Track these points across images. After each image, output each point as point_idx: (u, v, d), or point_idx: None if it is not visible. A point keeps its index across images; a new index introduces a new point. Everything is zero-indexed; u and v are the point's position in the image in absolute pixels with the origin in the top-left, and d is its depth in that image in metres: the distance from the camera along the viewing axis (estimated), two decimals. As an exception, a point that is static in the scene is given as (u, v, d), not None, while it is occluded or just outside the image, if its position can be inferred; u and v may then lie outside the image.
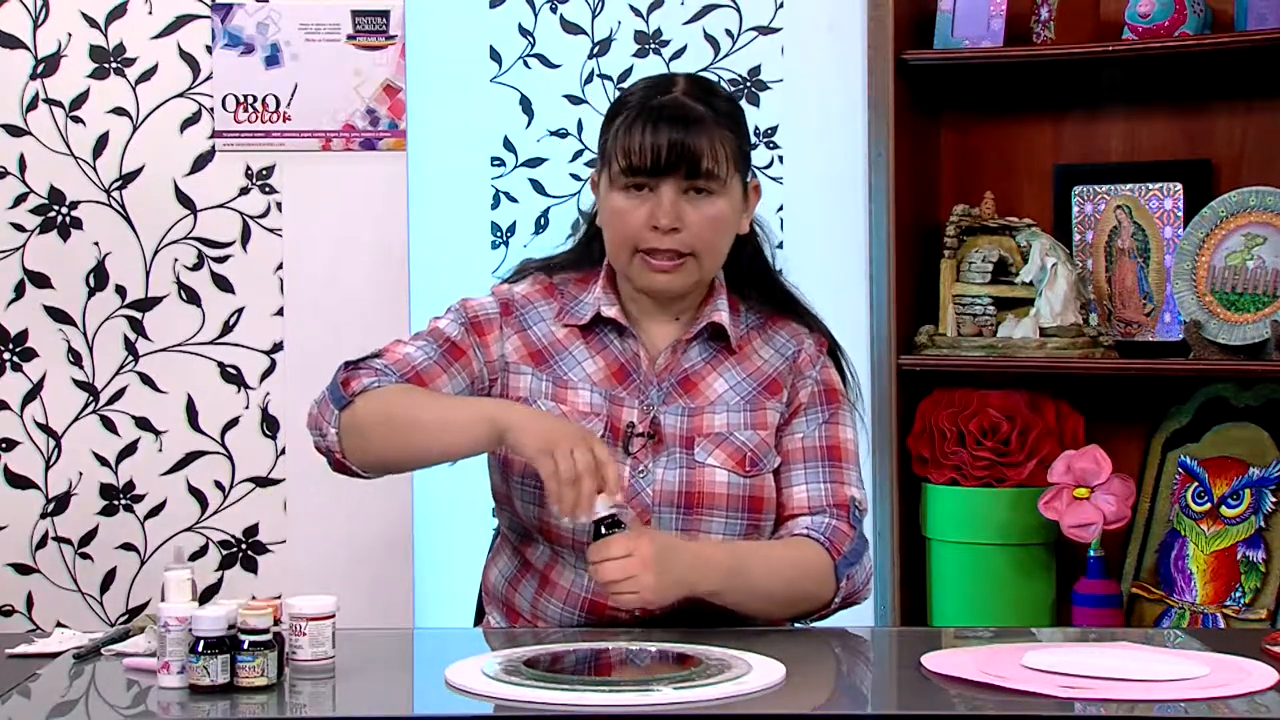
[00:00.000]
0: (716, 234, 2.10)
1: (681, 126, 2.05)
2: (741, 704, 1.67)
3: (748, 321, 2.19)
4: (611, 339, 2.15)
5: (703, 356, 2.15)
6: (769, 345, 2.18)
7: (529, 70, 3.34)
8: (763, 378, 2.15)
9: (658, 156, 2.04)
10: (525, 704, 1.65)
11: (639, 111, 2.08)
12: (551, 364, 2.13)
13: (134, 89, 3.18)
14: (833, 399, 2.17)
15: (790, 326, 2.20)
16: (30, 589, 3.20)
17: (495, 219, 3.35)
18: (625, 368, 2.13)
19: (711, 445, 2.09)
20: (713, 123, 2.07)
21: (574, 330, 2.15)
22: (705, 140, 2.05)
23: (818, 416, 2.15)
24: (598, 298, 2.15)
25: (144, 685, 1.78)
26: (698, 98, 2.09)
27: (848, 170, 3.22)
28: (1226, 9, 3.01)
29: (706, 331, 2.15)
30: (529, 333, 2.15)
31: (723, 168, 2.07)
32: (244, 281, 3.21)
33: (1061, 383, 3.08)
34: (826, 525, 2.07)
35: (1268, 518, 2.89)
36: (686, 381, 2.13)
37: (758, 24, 3.31)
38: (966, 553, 3.04)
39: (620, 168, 2.07)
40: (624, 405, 2.10)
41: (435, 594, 3.17)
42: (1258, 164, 3.04)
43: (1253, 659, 1.82)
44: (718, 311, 2.15)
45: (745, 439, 2.10)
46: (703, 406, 2.11)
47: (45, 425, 3.19)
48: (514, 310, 2.16)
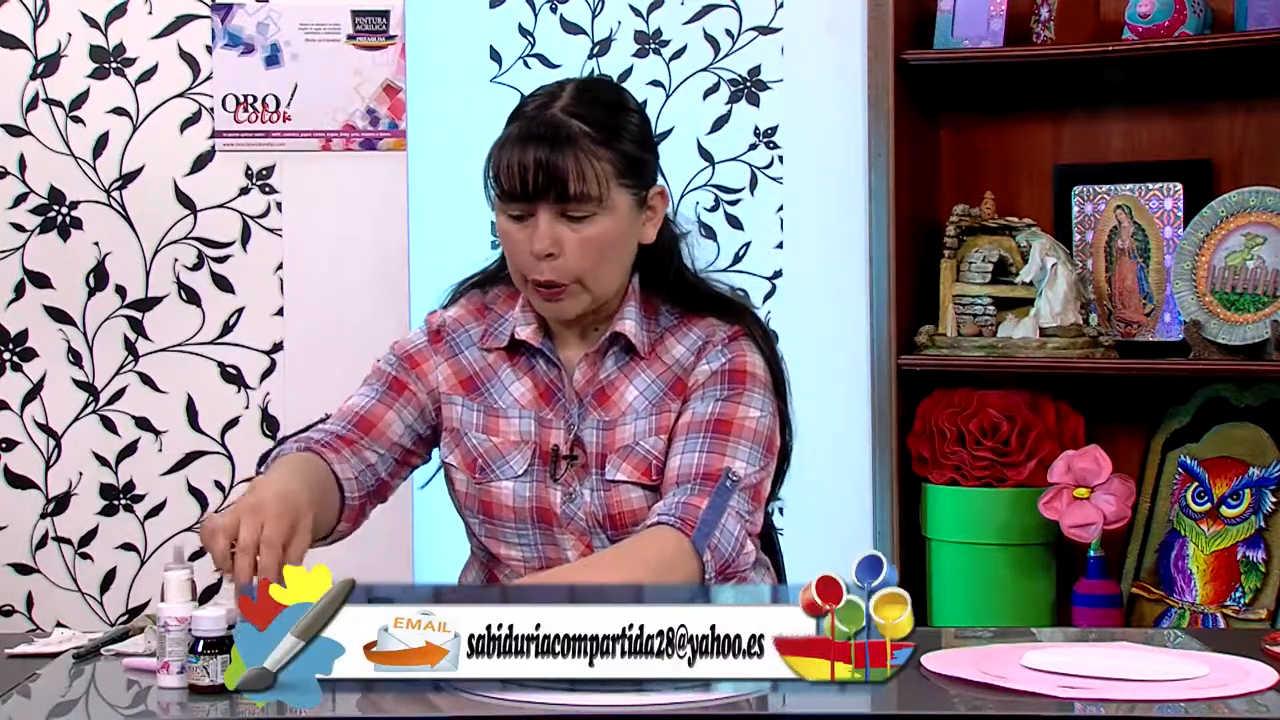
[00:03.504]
0: (599, 257, 1.98)
1: (549, 146, 1.95)
2: (740, 704, 1.67)
3: (664, 322, 2.10)
4: (536, 359, 2.09)
5: (617, 366, 2.07)
6: (680, 344, 2.08)
7: (529, 70, 3.34)
8: (670, 378, 2.06)
9: (524, 179, 1.95)
10: (525, 704, 1.65)
11: (513, 131, 1.99)
12: (482, 391, 2.09)
13: (134, 89, 3.19)
14: (737, 379, 2.03)
15: (705, 322, 2.09)
16: (30, 589, 3.20)
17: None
18: (550, 387, 2.07)
19: (619, 459, 2.03)
20: (585, 138, 1.96)
21: (500, 352, 2.10)
22: (572, 160, 1.94)
23: (715, 393, 2.02)
24: (516, 318, 2.09)
25: (144, 685, 1.78)
26: (574, 112, 1.98)
27: (848, 170, 3.22)
28: (1226, 9, 3.01)
29: (618, 342, 2.07)
30: (459, 358, 2.11)
31: (596, 186, 1.95)
32: (244, 281, 3.21)
33: (1061, 383, 3.08)
34: (678, 503, 1.92)
35: (1268, 518, 2.89)
36: (601, 394, 2.06)
37: (758, 24, 3.31)
38: (966, 553, 3.04)
39: (496, 192, 2.00)
40: (551, 427, 2.05)
41: (435, 594, 3.17)
42: (1258, 164, 3.04)
43: (1253, 659, 1.82)
44: (622, 321, 2.06)
45: (649, 446, 2.03)
46: (615, 419, 2.05)
47: (45, 425, 3.19)
48: (444, 336, 2.12)
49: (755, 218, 3.31)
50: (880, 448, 3.11)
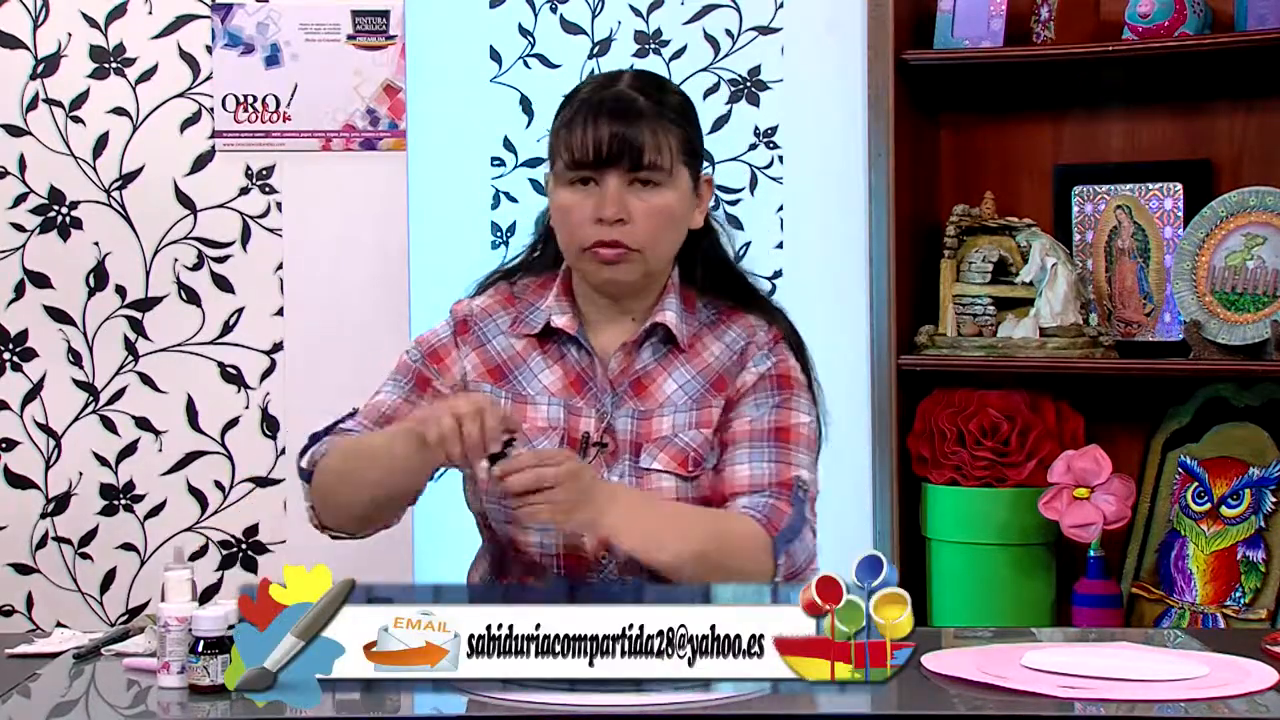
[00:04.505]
0: (663, 226, 2.05)
1: (623, 119, 2.02)
2: (740, 704, 1.67)
3: (702, 318, 2.14)
4: (568, 347, 2.11)
5: (654, 357, 2.11)
6: (720, 341, 2.12)
7: (529, 70, 3.34)
8: (711, 375, 2.10)
9: (598, 146, 2.01)
10: (525, 704, 1.65)
11: (582, 106, 2.05)
12: (510, 379, 2.11)
13: (134, 89, 3.19)
14: (785, 385, 2.10)
15: (744, 320, 2.14)
16: (30, 589, 3.20)
17: (495, 219, 3.35)
18: (582, 376, 2.10)
19: (656, 450, 2.06)
20: (656, 115, 2.03)
21: (531, 340, 2.12)
22: (648, 132, 2.02)
23: (769, 400, 2.08)
24: (550, 306, 2.11)
25: (144, 685, 1.78)
26: (642, 90, 2.06)
27: (848, 170, 3.22)
28: (1226, 9, 3.01)
29: (656, 332, 2.11)
30: (487, 347, 2.13)
31: (667, 159, 2.03)
32: (244, 281, 3.21)
33: (1061, 383, 3.08)
34: (764, 504, 2.02)
35: (1268, 518, 2.89)
36: (638, 384, 2.09)
37: (758, 24, 3.31)
38: (966, 553, 3.04)
39: (564, 162, 2.04)
40: (581, 415, 2.07)
41: (435, 594, 3.17)
42: (1258, 164, 3.04)
43: (1253, 659, 1.82)
44: (664, 312, 2.10)
45: (689, 439, 2.06)
46: (652, 409, 2.08)
47: (45, 425, 3.19)
48: (471, 326, 2.14)
49: (755, 218, 3.31)
50: (880, 448, 3.11)
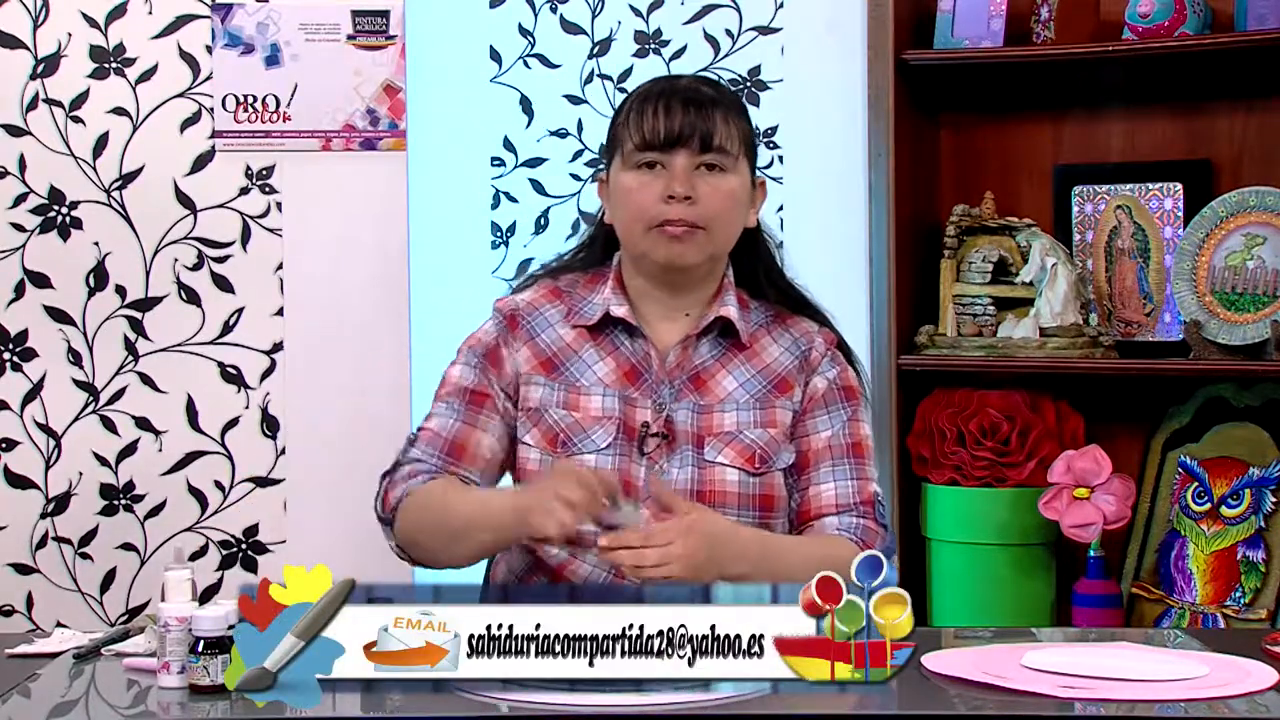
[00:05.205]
0: (728, 208, 2.11)
1: (694, 106, 2.10)
2: (740, 704, 1.67)
3: (756, 318, 2.20)
4: (622, 339, 2.15)
5: (713, 353, 2.16)
6: (778, 343, 2.18)
7: (529, 70, 3.34)
8: (773, 375, 2.16)
9: (669, 127, 2.08)
10: (525, 704, 1.65)
11: (650, 96, 2.13)
12: (562, 370, 2.14)
13: (134, 89, 3.19)
14: (851, 396, 2.18)
15: (800, 324, 2.21)
16: (30, 589, 3.20)
17: (495, 219, 3.35)
18: (637, 368, 2.14)
19: (721, 444, 2.10)
20: (724, 105, 2.12)
21: (583, 332, 2.15)
22: (718, 117, 2.09)
23: (841, 414, 2.16)
24: (606, 298, 2.15)
25: (144, 685, 1.78)
26: (709, 84, 2.17)
27: (848, 170, 3.22)
28: (1226, 9, 3.01)
29: (715, 327, 2.16)
30: (537, 340, 2.16)
31: (734, 145, 2.10)
32: (244, 281, 3.21)
33: (1061, 383, 3.08)
34: (857, 525, 2.10)
35: (1268, 518, 2.89)
36: (697, 378, 2.14)
37: (758, 24, 3.31)
38: (966, 553, 3.04)
39: (634, 145, 2.10)
40: (637, 406, 2.11)
41: (435, 594, 3.17)
42: (1258, 164, 3.04)
43: (1253, 659, 1.82)
44: (726, 306, 2.15)
45: (755, 437, 2.11)
46: (712, 404, 2.12)
47: (45, 425, 3.19)
48: (520, 321, 2.17)
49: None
50: (880, 448, 3.09)
